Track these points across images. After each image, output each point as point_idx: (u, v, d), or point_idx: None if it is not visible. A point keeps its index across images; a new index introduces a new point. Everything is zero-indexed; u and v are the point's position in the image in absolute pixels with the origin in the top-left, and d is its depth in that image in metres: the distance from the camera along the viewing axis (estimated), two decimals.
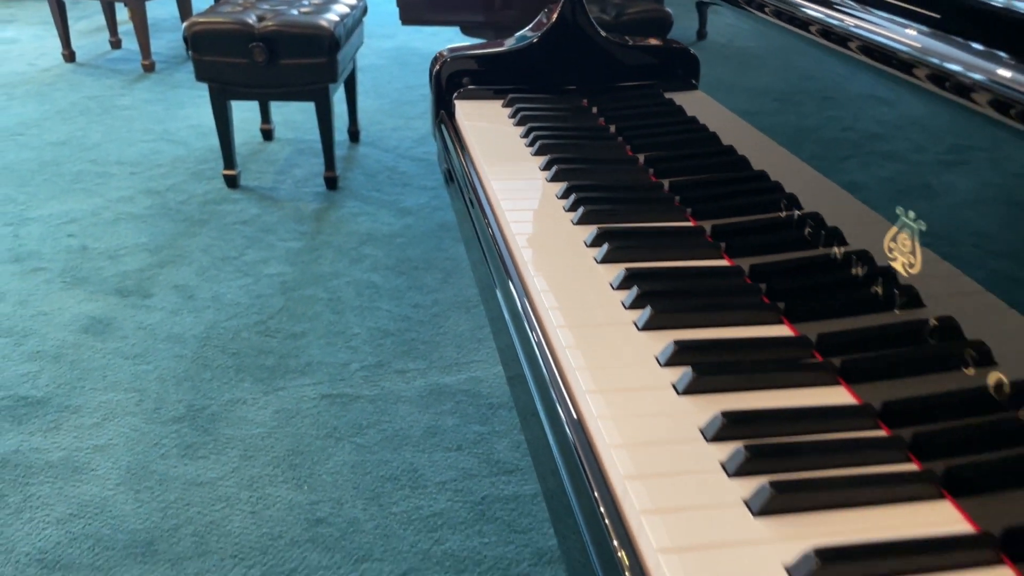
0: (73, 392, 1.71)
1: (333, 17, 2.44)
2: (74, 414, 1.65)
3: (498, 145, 1.20)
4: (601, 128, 1.25)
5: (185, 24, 2.40)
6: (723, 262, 0.91)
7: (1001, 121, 0.55)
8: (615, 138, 1.21)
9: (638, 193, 1.05)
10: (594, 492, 0.61)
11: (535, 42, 1.33)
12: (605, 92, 1.30)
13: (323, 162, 2.62)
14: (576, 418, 0.68)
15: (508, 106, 1.33)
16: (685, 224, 0.98)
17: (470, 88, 1.34)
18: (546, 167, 1.12)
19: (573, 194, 1.02)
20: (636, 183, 1.08)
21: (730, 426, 0.64)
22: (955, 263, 0.60)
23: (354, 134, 3.00)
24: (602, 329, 0.78)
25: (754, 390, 0.70)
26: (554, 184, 1.08)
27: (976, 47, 0.59)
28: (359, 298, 2.06)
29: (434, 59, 1.34)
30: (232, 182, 2.62)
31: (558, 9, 1.32)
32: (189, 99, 3.40)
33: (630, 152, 1.17)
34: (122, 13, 4.28)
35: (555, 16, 1.31)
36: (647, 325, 0.78)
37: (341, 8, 2.55)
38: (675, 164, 1.07)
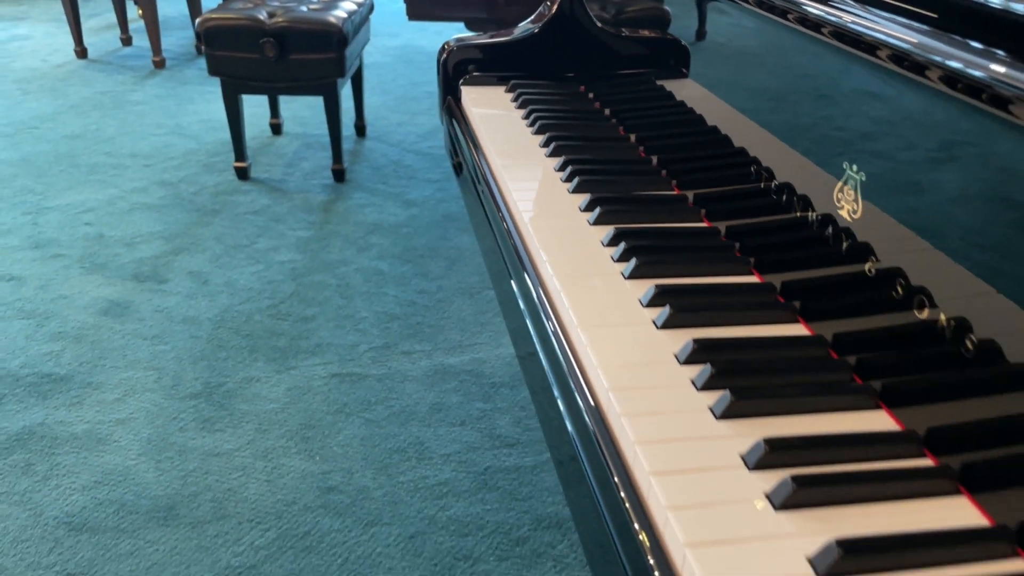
0: (95, 370, 1.78)
1: (341, 13, 2.52)
2: (96, 390, 1.72)
3: (501, 126, 1.28)
4: (597, 111, 1.33)
5: (198, 20, 2.48)
6: (703, 224, 1.01)
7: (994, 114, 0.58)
8: (610, 119, 1.30)
9: (627, 166, 1.15)
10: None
11: (536, 32, 1.41)
12: (601, 79, 1.37)
13: (331, 155, 2.70)
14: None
15: (511, 91, 1.41)
16: (670, 192, 1.09)
17: (475, 75, 1.42)
18: (545, 144, 1.21)
19: (569, 166, 1.11)
20: (626, 158, 1.18)
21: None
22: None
23: (360, 129, 3.08)
24: (593, 278, 0.85)
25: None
26: (552, 158, 1.17)
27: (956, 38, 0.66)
28: (367, 284, 2.14)
29: (441, 48, 1.41)
30: (243, 174, 2.70)
31: (558, 1, 1.39)
32: (199, 95, 3.48)
33: (622, 132, 1.25)
34: (132, 11, 4.37)
35: (555, 8, 1.39)
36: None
37: (349, 5, 2.63)
38: (665, 142, 1.15)
